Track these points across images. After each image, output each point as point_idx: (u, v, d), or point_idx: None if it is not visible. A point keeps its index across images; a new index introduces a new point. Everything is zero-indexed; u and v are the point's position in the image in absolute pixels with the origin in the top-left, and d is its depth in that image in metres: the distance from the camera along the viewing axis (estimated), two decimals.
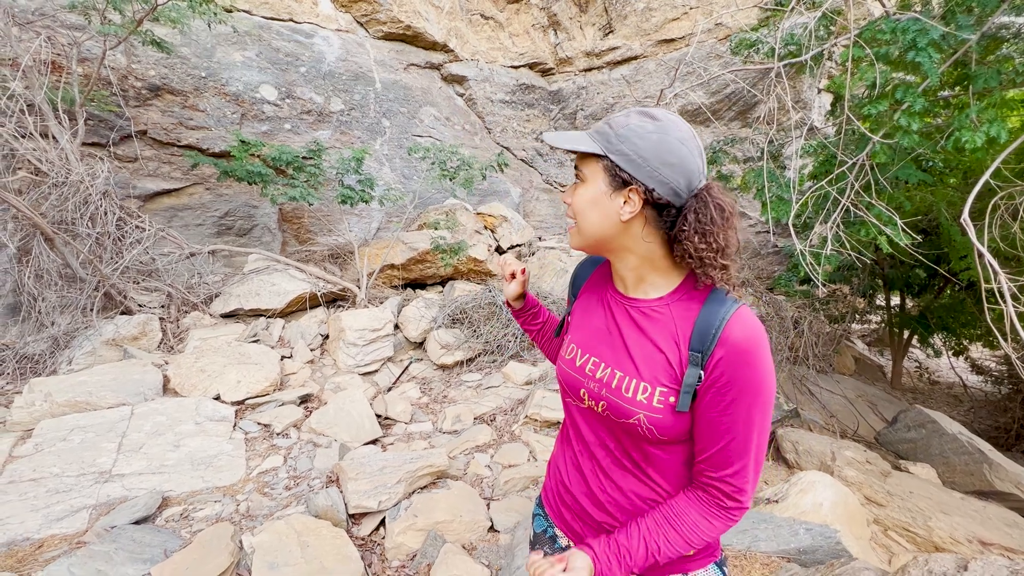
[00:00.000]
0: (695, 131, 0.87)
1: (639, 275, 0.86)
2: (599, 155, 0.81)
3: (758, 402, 0.76)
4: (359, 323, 3.81)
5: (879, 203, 2.36)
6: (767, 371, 0.76)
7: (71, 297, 3.51)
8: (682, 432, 0.81)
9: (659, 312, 0.84)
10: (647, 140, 0.77)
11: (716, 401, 0.77)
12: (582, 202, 0.84)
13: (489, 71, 6.70)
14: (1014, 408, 6.00)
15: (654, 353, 0.82)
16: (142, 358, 3.23)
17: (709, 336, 0.76)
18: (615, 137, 0.79)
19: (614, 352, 0.87)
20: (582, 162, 0.84)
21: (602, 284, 0.97)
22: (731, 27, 6.47)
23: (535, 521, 1.12)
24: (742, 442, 0.77)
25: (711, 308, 0.79)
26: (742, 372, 0.75)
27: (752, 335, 0.76)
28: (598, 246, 0.87)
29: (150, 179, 4.53)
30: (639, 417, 0.80)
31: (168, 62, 4.41)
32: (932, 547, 2.75)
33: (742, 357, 0.75)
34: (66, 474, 2.20)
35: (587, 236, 0.85)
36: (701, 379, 0.77)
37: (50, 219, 3.35)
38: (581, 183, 0.84)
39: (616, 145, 0.79)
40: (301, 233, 5.35)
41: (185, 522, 2.09)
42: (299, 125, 5.19)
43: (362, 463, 2.41)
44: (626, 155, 0.78)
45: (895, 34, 2.19)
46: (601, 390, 0.87)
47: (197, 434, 2.60)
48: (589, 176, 0.83)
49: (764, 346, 0.77)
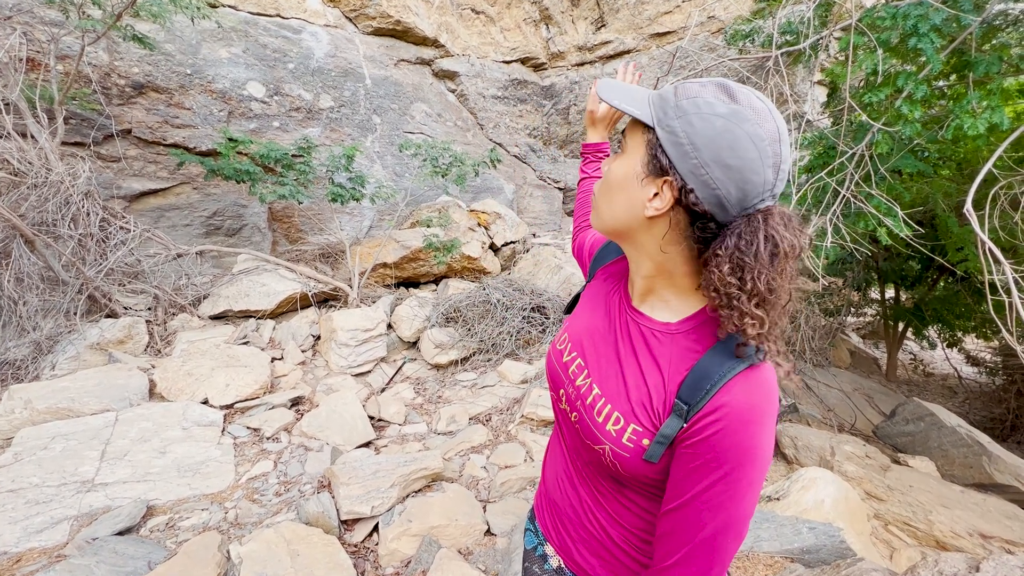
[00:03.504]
0: (789, 134, 0.72)
1: (649, 286, 0.71)
2: (647, 125, 0.63)
3: (744, 478, 0.59)
4: (351, 323, 3.74)
5: (879, 194, 2.32)
6: (760, 444, 0.59)
7: (54, 301, 3.42)
8: (650, 480, 0.68)
9: (661, 340, 0.68)
10: (708, 124, 0.58)
11: (687, 465, 0.62)
12: (611, 177, 0.68)
13: (481, 66, 6.62)
14: (1008, 399, 6.03)
15: (640, 384, 0.68)
16: (127, 362, 3.15)
17: (702, 391, 0.60)
18: (673, 108, 0.60)
19: (601, 364, 0.74)
20: (630, 129, 0.67)
21: (618, 278, 0.82)
22: (724, 20, 6.43)
23: (526, 535, 1.02)
24: (705, 519, 0.61)
25: (715, 357, 0.62)
26: (728, 440, 0.59)
27: (756, 402, 0.59)
28: (616, 235, 0.71)
29: (135, 179, 4.43)
30: (604, 448, 0.69)
31: (152, 59, 4.31)
32: (933, 541, 2.73)
33: (732, 425, 0.59)
34: (46, 484, 2.13)
35: (603, 219, 0.71)
36: (679, 432, 0.62)
37: (30, 221, 3.26)
38: (621, 153, 0.68)
39: (669, 119, 0.60)
40: (292, 232, 5.26)
41: (171, 532, 2.02)
42: (288, 122, 5.10)
43: (355, 467, 2.34)
44: (675, 134, 0.60)
45: (895, 20, 2.15)
46: (577, 400, 0.75)
47: (184, 440, 2.53)
48: (630, 148, 0.66)
49: (766, 424, 0.60)
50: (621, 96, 0.65)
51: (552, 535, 0.90)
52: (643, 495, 0.72)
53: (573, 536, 0.85)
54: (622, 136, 0.68)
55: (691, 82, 0.62)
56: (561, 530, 0.88)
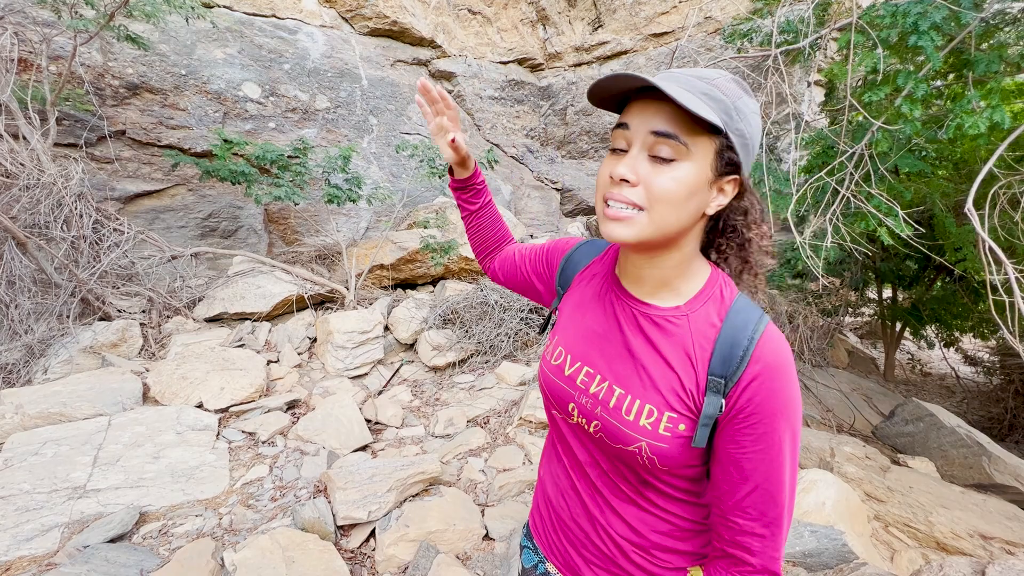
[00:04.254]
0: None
1: (664, 278, 0.71)
2: (715, 130, 0.61)
3: (789, 434, 0.63)
4: (348, 325, 3.71)
5: (879, 193, 2.30)
6: (798, 395, 0.64)
7: (46, 303, 3.38)
8: (691, 468, 0.69)
9: (675, 323, 0.69)
10: (756, 122, 0.65)
11: (741, 435, 0.63)
12: (679, 187, 0.61)
13: (477, 67, 6.61)
14: (1006, 398, 6.03)
15: (665, 372, 0.68)
16: (121, 366, 3.11)
17: (736, 360, 0.63)
18: (733, 110, 0.62)
19: (615, 365, 0.72)
20: (685, 131, 0.60)
21: (603, 279, 0.80)
22: (720, 20, 6.43)
23: (523, 554, 0.97)
24: (774, 485, 0.63)
25: (736, 324, 0.65)
26: (773, 400, 0.62)
27: (785, 355, 0.64)
28: (663, 242, 0.67)
29: (130, 180, 4.40)
30: (640, 445, 0.67)
31: (146, 60, 4.27)
32: (934, 543, 2.72)
33: (774, 383, 0.62)
34: (37, 491, 2.09)
35: (662, 230, 0.64)
36: (723, 409, 0.64)
37: (22, 223, 3.22)
38: (675, 160, 0.61)
39: (736, 123, 0.62)
40: (288, 234, 5.23)
41: (164, 539, 1.98)
42: (284, 123, 5.07)
43: (351, 471, 2.31)
44: (744, 137, 0.63)
45: (895, 18, 2.13)
46: (595, 408, 0.72)
47: (178, 444, 2.50)
48: (697, 154, 0.61)
49: (794, 366, 0.65)
50: (690, 100, 0.58)
51: (556, 554, 0.87)
52: (667, 495, 0.73)
53: (584, 555, 0.82)
54: (659, 137, 0.61)
55: (718, 79, 0.63)
56: (569, 549, 0.85)
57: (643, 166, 0.62)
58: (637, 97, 0.65)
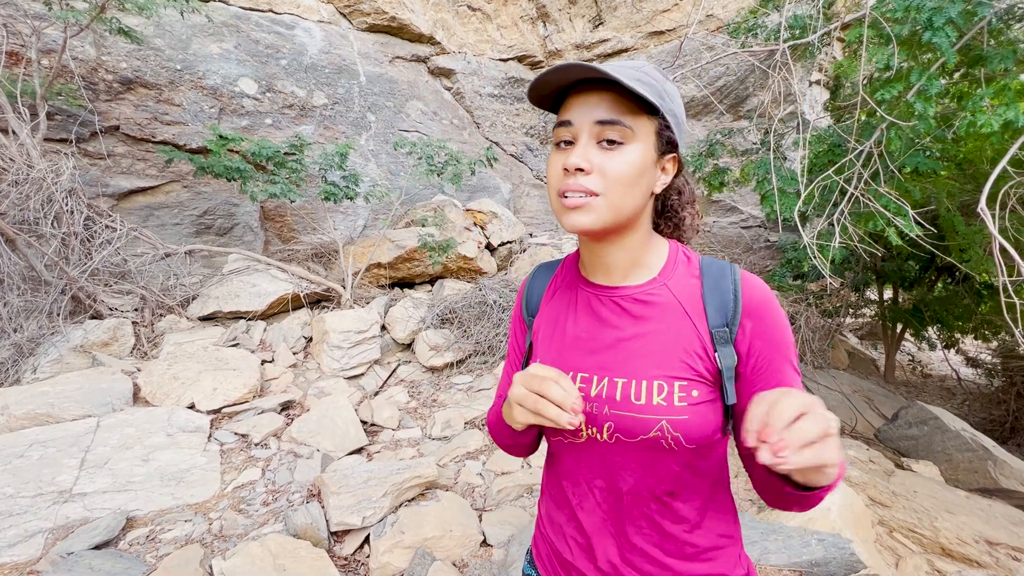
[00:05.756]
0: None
1: (632, 257, 0.73)
2: (653, 111, 0.66)
3: (793, 345, 0.69)
4: (344, 324, 3.64)
5: (889, 191, 2.24)
6: (785, 315, 0.70)
7: (36, 301, 3.31)
8: (714, 432, 0.67)
9: (655, 294, 0.71)
10: (682, 104, 0.70)
11: (759, 371, 0.66)
12: (631, 169, 0.65)
13: (477, 64, 6.54)
14: (1008, 400, 5.99)
15: (663, 343, 0.68)
16: (111, 365, 3.05)
17: (730, 306, 0.67)
18: (665, 94, 0.67)
19: (608, 359, 0.71)
20: (628, 115, 0.64)
21: (569, 287, 0.80)
22: (722, 19, 6.37)
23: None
24: None
25: (714, 274, 0.71)
26: (773, 330, 0.67)
27: (767, 289, 0.70)
28: (622, 225, 0.69)
29: (123, 176, 4.33)
30: (661, 425, 0.65)
31: (140, 54, 4.20)
32: (939, 548, 2.67)
33: (768, 314, 0.68)
34: (21, 494, 2.03)
35: (620, 212, 0.66)
36: (736, 358, 0.67)
37: (11, 219, 3.15)
38: (623, 144, 0.64)
39: (668, 104, 0.67)
40: (284, 232, 5.16)
41: (151, 545, 1.92)
42: (281, 120, 4.99)
43: (345, 475, 2.26)
44: (676, 117, 0.69)
45: (907, 13, 2.07)
46: (603, 409, 0.69)
47: (168, 447, 2.44)
48: (640, 135, 0.65)
49: (773, 293, 0.71)
50: (633, 81, 0.62)
51: None
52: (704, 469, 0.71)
53: None
54: (605, 125, 0.64)
55: (643, 65, 0.68)
56: None
57: (594, 154, 0.65)
58: (575, 92, 0.67)
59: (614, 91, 0.64)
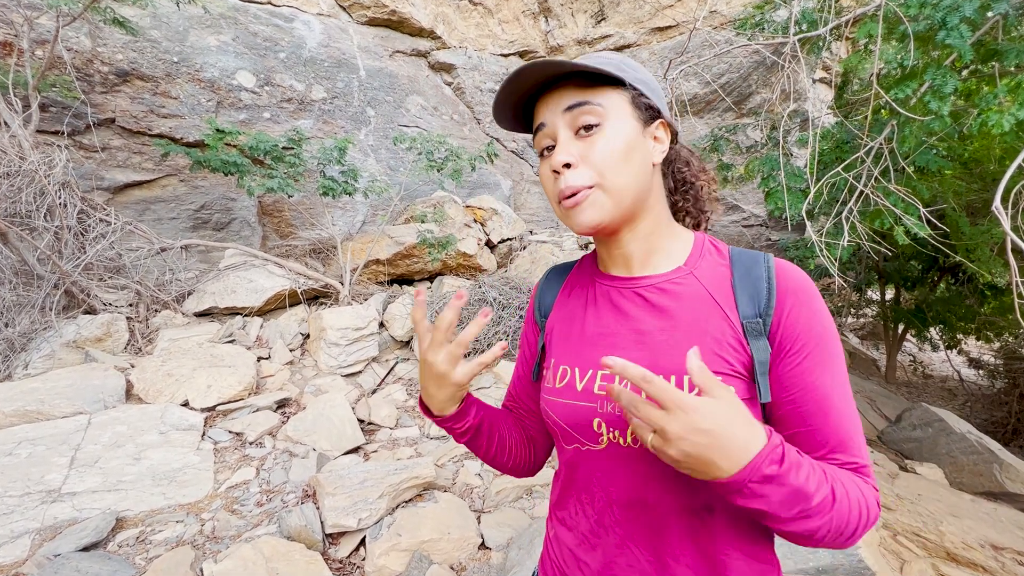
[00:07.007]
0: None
1: (650, 245, 0.69)
2: (620, 83, 0.63)
3: (837, 348, 0.61)
4: (342, 321, 3.59)
5: (898, 189, 2.19)
6: (827, 308, 0.63)
7: (28, 296, 3.26)
8: None
9: (681, 283, 0.66)
10: (649, 73, 0.68)
11: (797, 367, 0.60)
12: (615, 145, 0.62)
13: (478, 59, 6.47)
14: (1010, 402, 5.95)
15: (691, 336, 0.62)
16: (104, 361, 3.00)
17: (763, 295, 0.61)
18: (625, 66, 0.66)
19: (631, 353, 0.64)
20: (593, 94, 0.62)
21: (587, 284, 0.75)
22: (726, 15, 6.31)
23: None
24: (840, 403, 0.60)
25: (745, 263, 0.65)
26: (813, 320, 0.60)
27: (806, 277, 0.63)
28: (631, 211, 0.65)
29: (119, 170, 4.27)
30: None
31: (137, 45, 4.13)
32: (944, 553, 2.63)
33: (808, 303, 0.61)
34: (8, 494, 1.98)
35: (625, 196, 0.63)
36: (770, 350, 0.60)
37: (2, 212, 3.09)
38: (599, 124, 0.62)
39: (632, 74, 0.65)
40: (282, 227, 5.10)
41: (141, 547, 1.88)
42: (279, 114, 4.93)
43: (341, 475, 2.21)
44: (646, 84, 0.66)
45: (921, 9, 2.01)
46: None
47: (161, 445, 2.39)
48: (613, 110, 0.62)
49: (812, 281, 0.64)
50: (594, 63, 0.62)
51: None
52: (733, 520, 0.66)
53: None
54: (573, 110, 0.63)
55: (605, 53, 0.68)
56: None
57: (575, 145, 0.63)
58: (539, 99, 0.66)
59: (574, 80, 0.63)
